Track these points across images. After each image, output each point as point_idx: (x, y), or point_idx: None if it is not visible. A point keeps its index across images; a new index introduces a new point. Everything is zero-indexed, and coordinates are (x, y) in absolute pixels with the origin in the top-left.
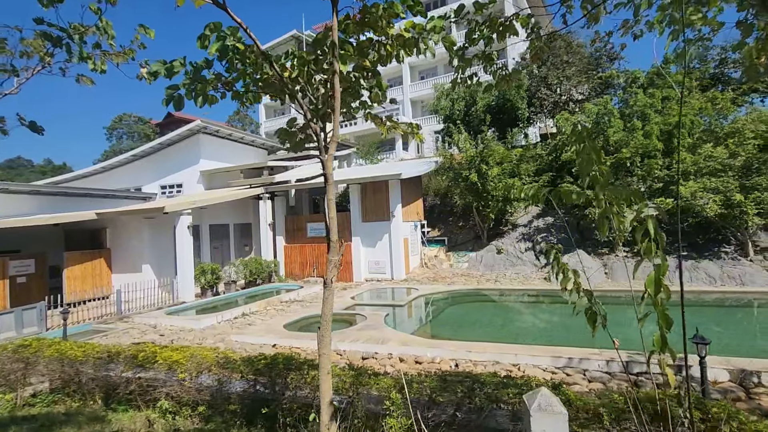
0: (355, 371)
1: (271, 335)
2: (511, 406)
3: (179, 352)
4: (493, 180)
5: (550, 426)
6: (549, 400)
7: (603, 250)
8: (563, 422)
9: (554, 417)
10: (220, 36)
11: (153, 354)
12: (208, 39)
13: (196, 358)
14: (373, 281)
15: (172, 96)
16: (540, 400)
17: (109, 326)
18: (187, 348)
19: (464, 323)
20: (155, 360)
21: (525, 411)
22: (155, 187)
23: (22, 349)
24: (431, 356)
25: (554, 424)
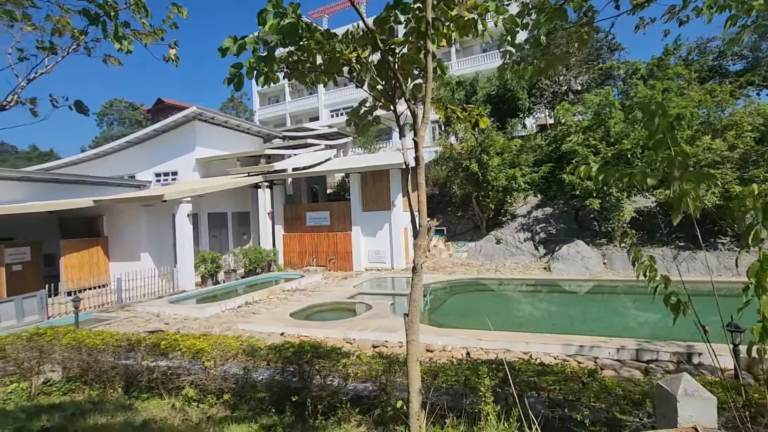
0: (383, 358)
1: (278, 324)
2: (548, 393)
3: (203, 340)
4: (494, 170)
5: (698, 411)
6: (694, 385)
7: (601, 241)
8: (712, 408)
9: (703, 402)
10: (278, 13)
11: (175, 342)
12: (268, 15)
13: (221, 346)
14: (372, 270)
15: (236, 75)
16: (685, 386)
17: (111, 315)
18: (210, 336)
19: (469, 312)
20: (178, 348)
21: (664, 396)
22: (149, 175)
23: (37, 337)
24: (442, 344)
25: (702, 409)
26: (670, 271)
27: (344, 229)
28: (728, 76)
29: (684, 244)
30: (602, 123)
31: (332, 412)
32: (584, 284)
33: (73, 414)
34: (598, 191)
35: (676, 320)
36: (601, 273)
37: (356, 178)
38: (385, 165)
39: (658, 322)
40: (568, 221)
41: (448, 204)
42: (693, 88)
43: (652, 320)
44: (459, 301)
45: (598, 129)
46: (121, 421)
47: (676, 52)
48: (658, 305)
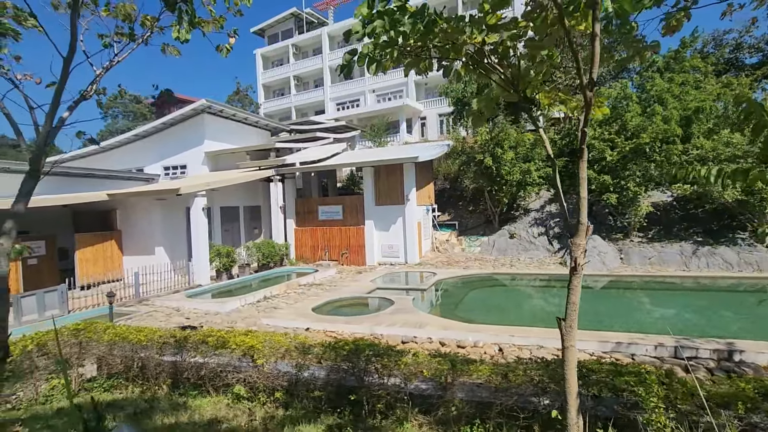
0: (441, 357)
1: (302, 319)
2: (628, 394)
3: (252, 337)
4: (508, 164)
5: None
6: None
7: (617, 236)
8: None
9: None
10: None
11: (223, 339)
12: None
13: (272, 344)
14: (386, 265)
15: (350, 61)
16: None
17: (131, 309)
18: (259, 333)
19: (491, 307)
20: (227, 345)
21: None
22: (158, 168)
23: (78, 332)
24: (473, 340)
25: None
26: (689, 266)
27: (357, 223)
28: (744, 69)
29: (702, 239)
30: (619, 116)
31: (390, 411)
32: (602, 280)
33: (135, 413)
34: (615, 186)
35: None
36: (619, 268)
37: (369, 172)
38: (400, 159)
39: (694, 319)
40: None
41: (459, 198)
42: (710, 81)
43: (684, 317)
44: (479, 297)
45: (614, 123)
46: (186, 420)
47: (692, 45)
48: (683, 301)
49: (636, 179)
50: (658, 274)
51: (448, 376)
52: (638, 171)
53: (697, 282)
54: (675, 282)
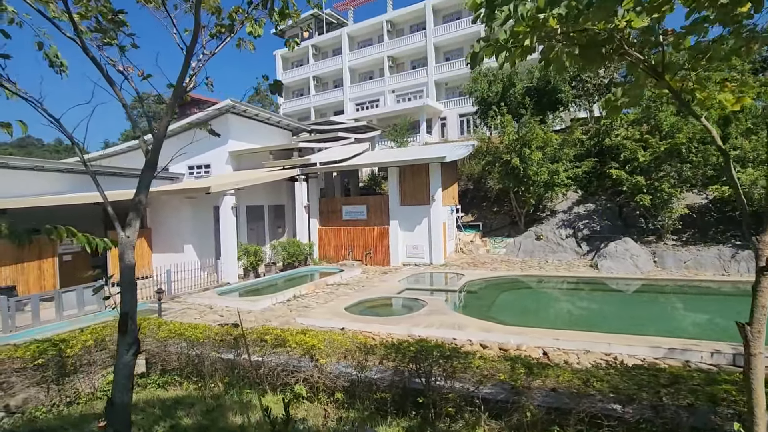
0: (514, 361)
1: (336, 318)
2: (728, 405)
3: (312, 336)
4: (535, 164)
5: None
6: None
7: (649, 238)
8: None
9: None
10: None
11: (281, 337)
12: None
13: (332, 343)
14: (411, 266)
15: (480, 50)
16: None
17: (164, 305)
18: (317, 332)
19: (525, 310)
20: (286, 343)
21: None
22: (183, 168)
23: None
24: (515, 343)
25: None
26: (728, 270)
27: (381, 223)
28: None
29: (741, 242)
30: (652, 116)
31: (459, 415)
32: (634, 283)
33: (208, 411)
34: (649, 187)
35: None
36: (653, 272)
37: (394, 172)
38: (426, 159)
39: None
40: (611, 218)
41: (483, 199)
42: (747, 79)
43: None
44: (511, 299)
45: (645, 123)
46: (259, 419)
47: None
48: (723, 306)
49: (670, 180)
50: (695, 278)
51: (524, 380)
52: (673, 172)
53: (737, 287)
54: (712, 286)
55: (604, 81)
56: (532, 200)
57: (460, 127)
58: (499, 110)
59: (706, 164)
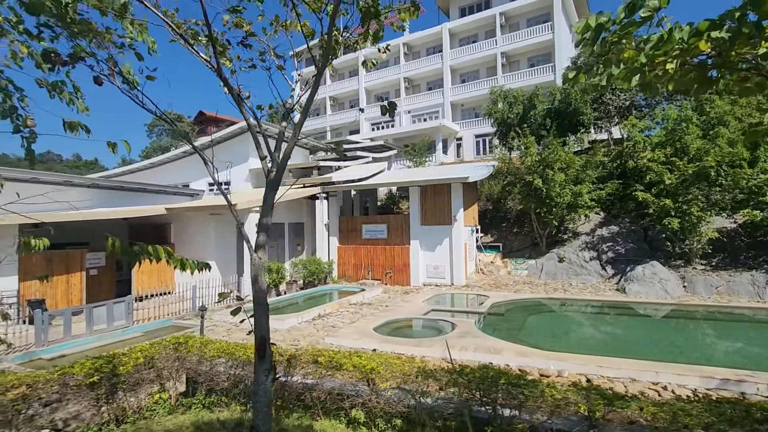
0: (588, 391)
1: (366, 339)
2: None
3: (369, 359)
4: (558, 186)
5: None
6: None
7: (677, 262)
8: None
9: None
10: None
11: (336, 360)
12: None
13: (391, 366)
14: (431, 286)
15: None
16: None
17: (189, 322)
18: (374, 354)
19: (557, 334)
20: (342, 366)
21: None
22: (203, 184)
23: (179, 346)
24: (556, 369)
25: None
26: (763, 297)
27: (402, 242)
28: None
29: None
30: (678, 138)
31: None
32: (663, 308)
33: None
34: (677, 210)
35: None
36: (683, 297)
37: (416, 192)
38: (447, 179)
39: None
40: (636, 241)
41: (503, 220)
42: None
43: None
44: (540, 322)
45: (670, 145)
46: None
47: None
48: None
49: (699, 203)
50: (728, 304)
51: (603, 411)
52: (701, 195)
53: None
54: (746, 313)
55: (626, 103)
56: (554, 221)
57: (476, 148)
58: (522, 131)
59: (735, 187)
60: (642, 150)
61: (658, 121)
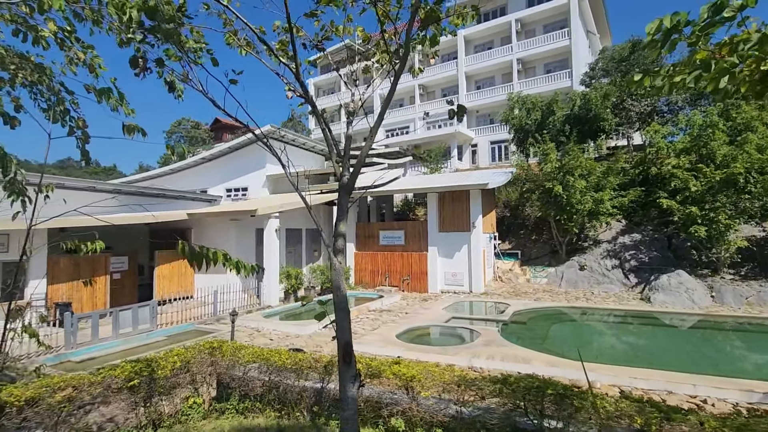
0: (638, 402)
1: (391, 346)
2: None
3: (409, 367)
4: (578, 192)
5: None
6: None
7: (704, 272)
8: None
9: None
10: None
11: (375, 368)
12: None
13: (432, 375)
14: (450, 293)
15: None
16: None
17: (211, 327)
18: (411, 362)
19: (583, 343)
20: (382, 374)
21: None
22: (221, 190)
23: (215, 351)
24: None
25: None
26: None
27: (420, 249)
28: None
29: None
30: (704, 145)
31: None
32: (690, 318)
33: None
34: (703, 218)
35: None
36: (712, 307)
37: (433, 198)
38: (466, 185)
39: None
40: (660, 249)
41: (521, 227)
42: None
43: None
44: (564, 331)
45: (697, 151)
46: None
47: None
48: None
49: (726, 211)
50: (759, 315)
51: (666, 427)
52: (728, 202)
53: None
54: None
55: (647, 109)
56: (575, 229)
57: (491, 154)
58: (541, 137)
59: (766, 195)
60: (666, 156)
61: (681, 126)
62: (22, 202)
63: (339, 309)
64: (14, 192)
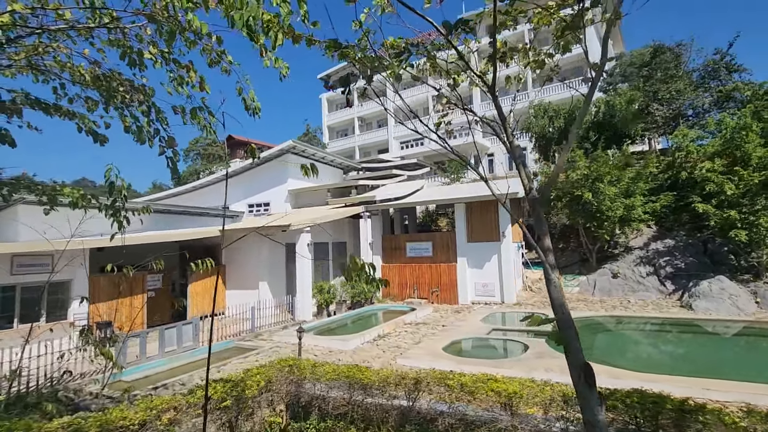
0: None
1: (441, 360)
2: None
3: (506, 383)
4: (608, 199)
5: None
6: None
7: (745, 276)
8: None
9: None
10: None
11: (468, 385)
12: None
13: (530, 391)
14: (481, 304)
15: None
16: None
17: (252, 344)
18: (507, 378)
19: (634, 353)
20: (477, 391)
21: None
22: (243, 206)
23: (293, 369)
24: (657, 391)
25: None
26: None
27: (448, 260)
28: None
29: None
30: (737, 147)
31: None
32: (734, 326)
33: None
34: (743, 221)
35: None
36: (758, 313)
37: (461, 209)
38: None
39: None
40: (696, 254)
41: None
42: None
43: None
44: (610, 341)
45: (730, 154)
46: None
47: None
48: None
49: (767, 214)
50: None
51: None
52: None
53: None
54: None
55: (673, 113)
56: (606, 236)
57: (509, 163)
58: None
59: None
60: (697, 160)
61: (711, 130)
62: (119, 223)
63: (567, 328)
64: (115, 214)
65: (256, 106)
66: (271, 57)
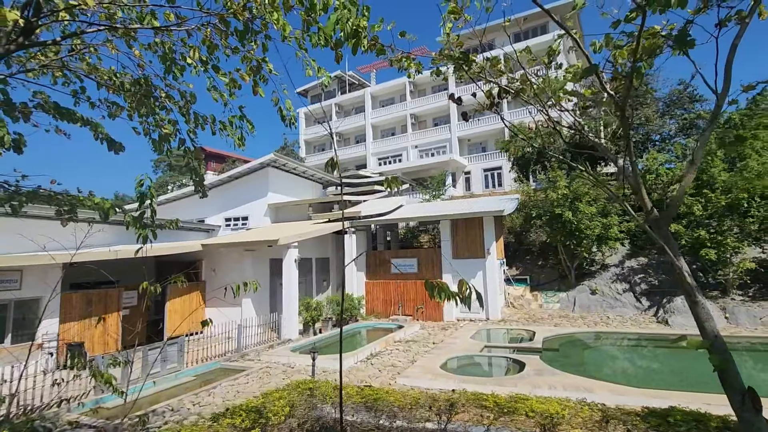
0: None
1: (441, 379)
2: None
3: (544, 403)
4: (587, 218)
5: None
6: None
7: (713, 293)
8: None
9: None
10: None
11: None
12: None
13: (571, 410)
14: (466, 321)
15: None
16: None
17: (239, 365)
18: (544, 398)
19: (625, 368)
20: (515, 411)
21: None
22: (219, 220)
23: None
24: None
25: None
26: None
27: (433, 276)
28: None
29: None
30: (703, 171)
31: None
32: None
33: None
34: (712, 241)
35: None
36: (727, 328)
37: (447, 225)
38: (481, 212)
39: None
40: (668, 272)
41: (527, 252)
42: None
43: None
44: (599, 357)
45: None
46: None
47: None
48: None
49: (733, 235)
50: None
51: None
52: (734, 226)
53: None
54: None
55: (642, 138)
56: (584, 254)
57: (485, 181)
58: (549, 164)
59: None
60: (668, 182)
61: (678, 154)
62: (144, 237)
63: (722, 352)
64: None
65: (292, 116)
66: (315, 66)
